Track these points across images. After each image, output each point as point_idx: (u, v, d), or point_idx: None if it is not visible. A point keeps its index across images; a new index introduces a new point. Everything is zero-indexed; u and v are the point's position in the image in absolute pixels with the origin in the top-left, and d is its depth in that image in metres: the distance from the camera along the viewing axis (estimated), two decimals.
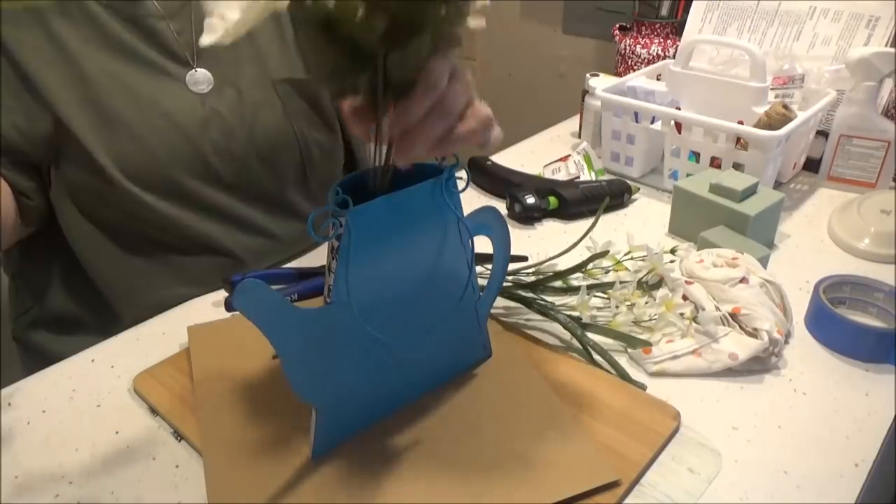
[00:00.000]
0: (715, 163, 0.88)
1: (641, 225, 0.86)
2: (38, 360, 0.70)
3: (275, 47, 0.74)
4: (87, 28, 0.64)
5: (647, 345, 0.61)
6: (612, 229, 0.84)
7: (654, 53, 1.22)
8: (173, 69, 0.68)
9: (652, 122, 0.93)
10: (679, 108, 0.96)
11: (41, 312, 0.78)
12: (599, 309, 0.66)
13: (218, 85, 0.70)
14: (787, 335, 0.64)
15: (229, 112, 0.70)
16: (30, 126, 0.63)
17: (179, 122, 0.67)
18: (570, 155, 0.99)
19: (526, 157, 1.06)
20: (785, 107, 0.86)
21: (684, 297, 0.63)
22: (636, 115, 0.94)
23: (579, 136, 1.12)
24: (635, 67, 1.25)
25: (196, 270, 0.73)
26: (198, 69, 0.69)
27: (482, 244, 0.54)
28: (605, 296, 0.66)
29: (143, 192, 0.67)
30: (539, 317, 0.65)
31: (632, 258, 0.69)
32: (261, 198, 0.75)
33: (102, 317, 0.75)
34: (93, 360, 0.63)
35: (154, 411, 0.56)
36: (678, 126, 0.90)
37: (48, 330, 0.78)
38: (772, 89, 0.92)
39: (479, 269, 0.58)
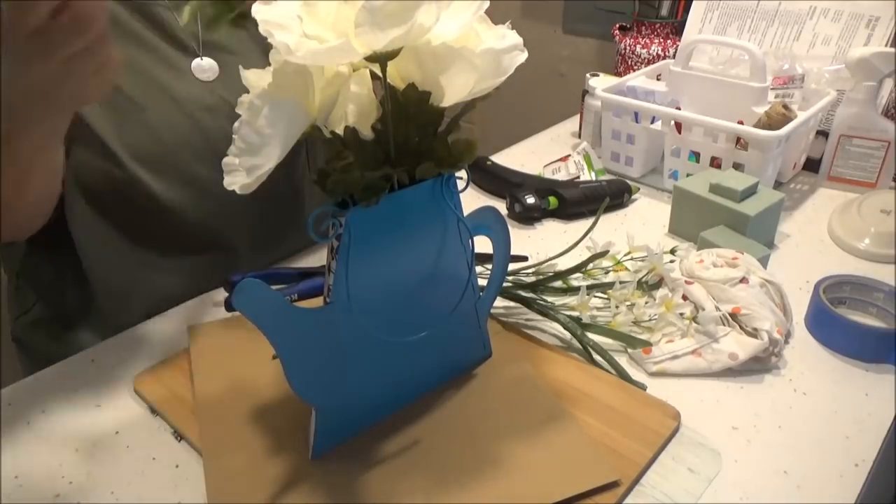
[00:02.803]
0: (715, 163, 0.88)
1: (641, 225, 0.86)
2: (38, 360, 0.70)
3: None
4: None
5: (647, 345, 0.61)
6: (612, 229, 0.84)
7: (654, 53, 1.22)
8: (179, 58, 0.69)
9: (652, 122, 0.93)
10: (679, 108, 0.96)
11: (43, 312, 0.78)
12: (599, 309, 0.66)
13: (225, 73, 0.71)
14: (787, 335, 0.64)
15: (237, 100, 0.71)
16: None
17: (187, 108, 0.68)
18: (570, 155, 0.99)
19: (526, 157, 1.06)
20: (785, 107, 0.86)
21: (684, 297, 0.63)
22: (636, 115, 0.94)
23: (579, 136, 1.12)
24: (635, 67, 1.25)
25: (199, 266, 0.73)
26: (203, 58, 0.70)
27: (482, 244, 0.54)
28: (605, 296, 0.66)
29: (152, 179, 0.67)
30: (539, 317, 0.65)
31: (632, 258, 0.69)
32: (266, 186, 0.75)
33: (104, 316, 0.75)
34: (93, 360, 0.63)
35: (154, 411, 0.56)
36: (678, 126, 0.90)
37: (49, 330, 0.78)
38: (772, 89, 0.92)
39: (479, 269, 0.58)
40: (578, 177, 0.96)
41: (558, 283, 0.68)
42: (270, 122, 0.41)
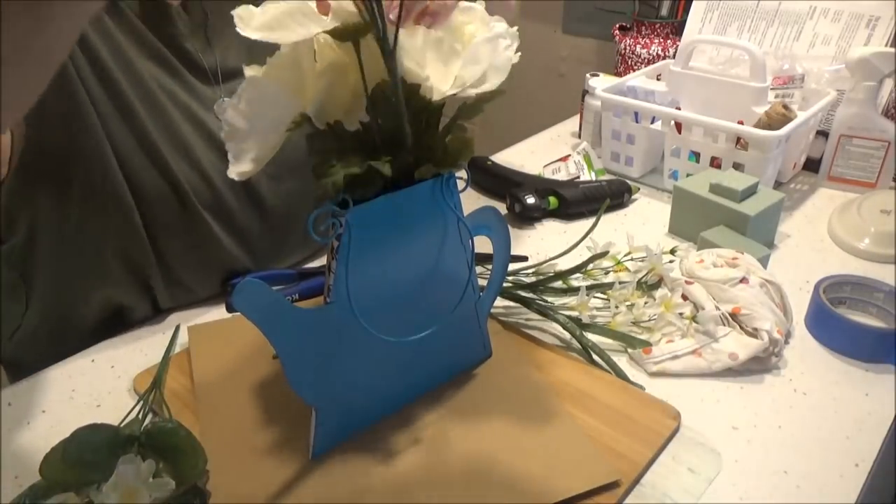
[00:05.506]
0: (715, 163, 0.88)
1: (641, 225, 0.86)
2: (35, 363, 0.69)
3: None
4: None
5: (646, 345, 0.61)
6: (612, 229, 0.84)
7: (654, 53, 1.22)
8: (202, 91, 0.68)
9: (652, 122, 0.93)
10: (679, 108, 0.96)
11: (45, 311, 0.78)
12: (599, 309, 0.66)
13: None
14: (787, 335, 0.64)
15: None
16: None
17: (195, 154, 0.66)
18: (570, 155, 0.99)
19: (526, 157, 1.06)
20: (785, 107, 0.86)
21: (683, 297, 0.63)
22: (636, 115, 0.94)
23: (579, 136, 1.12)
24: (635, 67, 1.25)
25: (202, 274, 0.73)
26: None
27: (482, 244, 0.54)
28: (605, 296, 0.66)
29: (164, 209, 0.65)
30: (539, 317, 0.65)
31: (632, 258, 0.69)
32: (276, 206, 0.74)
33: (104, 317, 0.74)
34: (93, 360, 0.63)
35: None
36: (678, 126, 0.90)
37: (49, 331, 0.78)
38: (772, 89, 0.92)
39: (479, 269, 0.58)
40: (578, 177, 0.96)
41: (558, 284, 0.68)
42: (254, 104, 0.41)
